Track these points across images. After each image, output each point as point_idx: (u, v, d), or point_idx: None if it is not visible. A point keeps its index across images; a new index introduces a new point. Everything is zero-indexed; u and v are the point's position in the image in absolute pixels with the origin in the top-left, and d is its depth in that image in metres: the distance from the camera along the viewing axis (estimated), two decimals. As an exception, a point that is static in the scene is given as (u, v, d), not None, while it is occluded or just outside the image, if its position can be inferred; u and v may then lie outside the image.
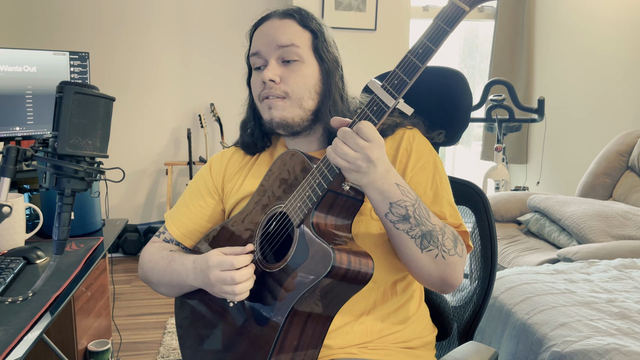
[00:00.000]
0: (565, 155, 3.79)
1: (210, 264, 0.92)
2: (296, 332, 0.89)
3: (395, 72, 0.82)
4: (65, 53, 2.27)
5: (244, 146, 1.13)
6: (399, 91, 0.81)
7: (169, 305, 2.91)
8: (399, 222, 0.88)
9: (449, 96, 1.16)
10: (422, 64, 0.80)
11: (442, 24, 0.79)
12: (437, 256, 0.90)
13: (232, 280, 0.89)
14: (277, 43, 0.99)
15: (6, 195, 0.91)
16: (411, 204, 0.87)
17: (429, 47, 0.79)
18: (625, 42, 3.31)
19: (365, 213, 0.98)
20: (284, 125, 1.01)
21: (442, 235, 0.90)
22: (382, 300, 1.02)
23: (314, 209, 0.88)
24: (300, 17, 1.01)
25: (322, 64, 1.01)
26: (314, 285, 0.84)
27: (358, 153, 0.81)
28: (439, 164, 1.03)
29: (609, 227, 2.41)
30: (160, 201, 3.92)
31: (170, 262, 1.05)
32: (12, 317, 1.05)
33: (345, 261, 0.83)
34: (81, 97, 0.88)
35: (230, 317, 1.00)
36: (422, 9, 4.06)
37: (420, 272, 0.93)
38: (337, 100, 1.01)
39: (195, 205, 1.13)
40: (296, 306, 0.86)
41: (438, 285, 0.95)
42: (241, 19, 3.72)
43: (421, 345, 1.06)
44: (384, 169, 0.85)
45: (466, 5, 0.78)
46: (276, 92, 0.99)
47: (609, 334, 1.41)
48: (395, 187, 0.87)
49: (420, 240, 0.89)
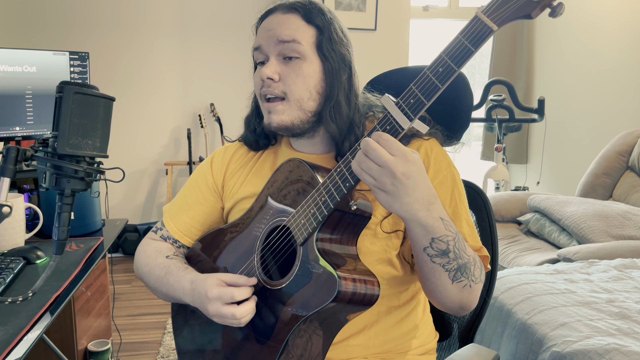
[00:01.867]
0: (565, 155, 3.79)
1: (210, 296, 0.87)
2: (297, 351, 0.86)
3: (411, 90, 0.75)
4: (65, 53, 2.26)
5: (248, 142, 1.09)
6: (416, 112, 0.75)
7: (168, 305, 2.90)
8: (437, 257, 0.83)
9: (450, 96, 1.15)
10: (442, 85, 0.73)
11: (466, 42, 0.72)
12: (465, 286, 0.86)
13: (232, 316, 0.86)
14: (277, 38, 0.94)
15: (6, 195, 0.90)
16: (452, 239, 0.82)
17: (451, 67, 0.73)
18: (625, 42, 3.31)
19: (371, 227, 0.94)
20: (283, 129, 0.97)
21: (474, 265, 0.87)
22: (385, 312, 0.99)
23: (319, 229, 0.84)
24: (305, 11, 0.95)
25: (326, 63, 0.94)
26: (317, 310, 0.81)
27: (382, 168, 0.74)
28: (457, 178, 0.98)
29: (609, 227, 2.41)
30: (160, 201, 3.92)
31: (166, 274, 1.01)
32: (12, 317, 1.05)
33: (350, 286, 0.80)
34: (81, 97, 0.88)
35: (229, 332, 0.98)
36: (422, 9, 4.05)
37: (444, 300, 0.89)
38: (342, 102, 0.95)
39: (194, 202, 1.10)
40: (298, 328, 0.84)
41: (455, 310, 0.92)
42: (241, 18, 3.72)
43: (424, 352, 1.05)
44: (421, 195, 0.77)
45: (495, 24, 0.70)
46: (274, 92, 0.95)
47: (609, 334, 1.41)
48: (439, 221, 0.80)
49: (454, 273, 0.84)
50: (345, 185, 0.80)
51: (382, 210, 0.95)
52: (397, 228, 0.96)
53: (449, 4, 4.11)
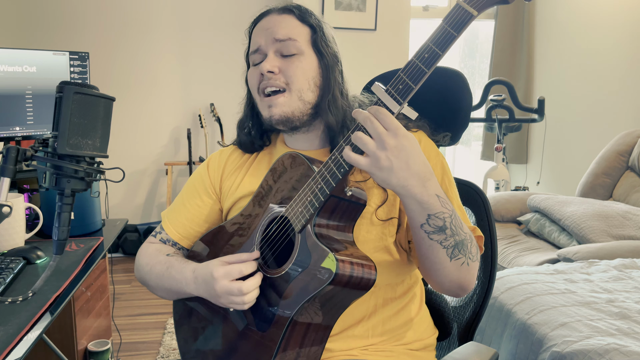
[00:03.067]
0: (565, 155, 3.79)
1: (216, 275, 0.89)
2: (298, 337, 0.88)
3: (400, 77, 0.79)
4: (65, 53, 2.27)
5: (242, 145, 1.12)
6: (404, 97, 0.79)
7: (168, 305, 2.91)
8: (434, 233, 0.85)
9: (449, 96, 1.15)
10: (428, 69, 0.77)
11: (449, 28, 0.76)
12: (463, 264, 0.88)
13: (239, 291, 0.88)
14: (275, 37, 0.99)
15: (6, 195, 0.90)
16: (449, 215, 0.84)
17: (435, 51, 0.77)
18: (625, 42, 3.31)
19: (366, 217, 0.97)
20: (284, 121, 1.00)
21: (470, 243, 0.89)
22: (382, 304, 1.01)
23: (316, 214, 0.87)
24: (299, 12, 1.01)
25: (322, 59, 1.00)
26: (316, 293, 0.83)
27: (376, 142, 0.77)
28: (446, 166, 1.02)
29: (609, 227, 2.41)
30: (160, 201, 3.92)
31: (168, 268, 1.03)
32: (12, 317, 1.05)
33: (348, 268, 0.82)
34: (81, 97, 0.88)
35: (230, 322, 0.99)
36: (422, 9, 4.06)
37: (443, 280, 0.91)
38: (337, 95, 1.00)
39: (192, 205, 1.12)
40: (298, 313, 0.86)
41: (454, 291, 0.94)
42: (241, 18, 3.72)
43: (422, 347, 1.06)
44: (417, 170, 0.79)
45: (474, 9, 0.75)
46: (276, 83, 0.98)
47: (609, 334, 1.41)
48: (435, 198, 0.82)
49: (452, 249, 0.86)
50: (340, 171, 0.83)
51: (376, 199, 0.98)
52: (392, 215, 0.99)
53: (449, 3, 4.11)
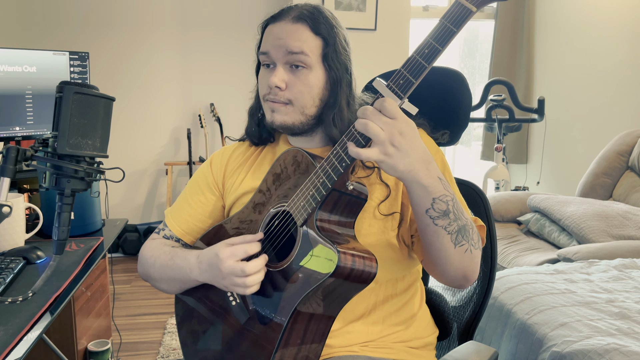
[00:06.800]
0: (565, 155, 3.79)
1: (222, 256, 0.91)
2: (299, 331, 0.89)
3: (400, 72, 0.81)
4: (65, 53, 2.27)
5: (251, 135, 1.12)
6: (405, 91, 0.80)
7: (168, 305, 2.91)
8: (439, 218, 0.85)
9: (449, 96, 1.16)
10: (428, 64, 0.79)
11: (448, 24, 0.78)
12: (467, 251, 0.89)
13: (242, 272, 0.89)
14: (287, 49, 0.98)
15: (6, 195, 0.90)
16: (451, 199, 0.85)
17: (435, 47, 0.78)
18: (625, 42, 3.31)
19: (368, 211, 0.98)
20: (284, 128, 1.01)
21: (472, 229, 0.90)
22: (383, 300, 1.02)
23: (318, 208, 0.88)
24: (313, 21, 0.99)
25: (330, 73, 1.00)
26: (317, 285, 0.84)
27: (384, 130, 0.78)
28: (446, 162, 1.04)
29: (609, 227, 2.41)
30: (160, 201, 3.92)
31: (172, 257, 1.05)
32: (12, 317, 1.05)
33: (349, 261, 0.83)
34: (81, 97, 0.88)
35: (232, 316, 1.00)
36: (422, 9, 4.06)
37: (448, 268, 0.91)
38: (344, 107, 1.00)
39: (195, 201, 1.13)
40: (300, 305, 0.87)
41: (459, 281, 0.94)
42: (241, 18, 3.72)
43: (422, 345, 1.07)
44: (420, 155, 0.81)
45: (473, 6, 0.77)
46: (280, 99, 0.99)
47: (609, 334, 1.41)
48: (438, 181, 0.84)
49: (455, 235, 0.87)
50: (342, 164, 0.84)
51: (379, 195, 0.99)
52: (394, 210, 1.00)
53: (449, 3, 4.11)
